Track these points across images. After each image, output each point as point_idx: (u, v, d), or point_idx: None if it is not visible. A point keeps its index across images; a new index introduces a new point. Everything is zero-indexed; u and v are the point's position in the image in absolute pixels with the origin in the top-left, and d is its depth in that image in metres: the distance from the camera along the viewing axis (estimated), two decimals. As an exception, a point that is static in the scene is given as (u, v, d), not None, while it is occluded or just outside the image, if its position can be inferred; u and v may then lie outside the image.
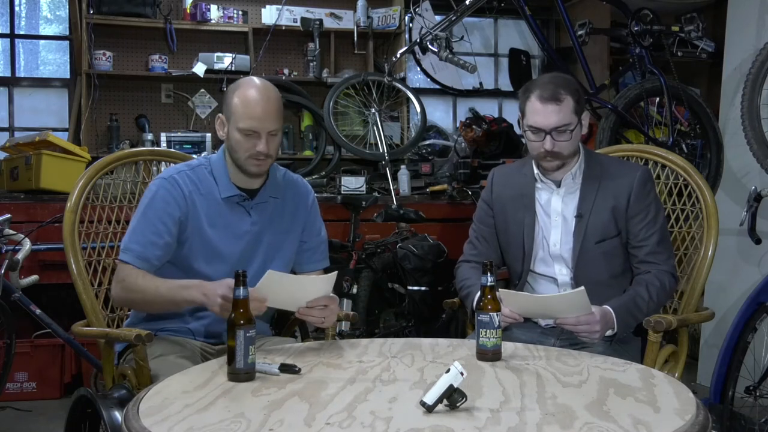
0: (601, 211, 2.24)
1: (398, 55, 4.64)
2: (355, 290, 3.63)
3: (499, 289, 2.05)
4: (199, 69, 4.83)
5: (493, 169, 2.47)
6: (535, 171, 2.31)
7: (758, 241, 2.81)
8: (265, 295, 1.86)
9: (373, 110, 4.65)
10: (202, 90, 4.97)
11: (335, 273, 2.03)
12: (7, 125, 5.00)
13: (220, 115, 2.13)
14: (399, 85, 4.73)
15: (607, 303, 2.13)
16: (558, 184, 2.28)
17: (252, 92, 2.07)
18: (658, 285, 2.19)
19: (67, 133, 4.84)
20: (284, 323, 2.62)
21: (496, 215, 2.38)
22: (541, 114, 2.17)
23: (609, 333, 2.12)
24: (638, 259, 2.25)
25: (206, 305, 1.91)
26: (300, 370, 1.72)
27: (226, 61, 4.88)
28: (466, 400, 1.44)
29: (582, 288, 2.01)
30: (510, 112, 5.71)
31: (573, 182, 2.27)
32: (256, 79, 2.13)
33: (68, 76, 5.10)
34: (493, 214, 2.38)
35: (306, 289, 1.96)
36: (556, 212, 2.28)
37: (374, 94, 4.64)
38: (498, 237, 2.38)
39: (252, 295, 1.83)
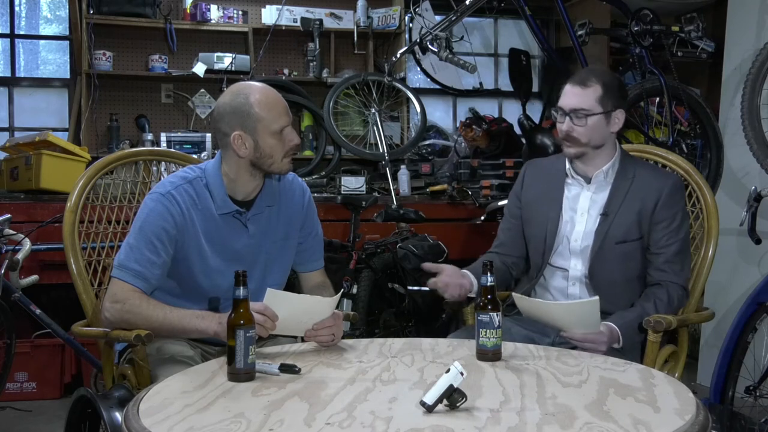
0: (627, 213, 2.24)
1: (398, 55, 4.65)
2: (355, 290, 3.63)
3: (513, 293, 2.06)
4: (199, 69, 4.83)
5: (527, 162, 2.50)
6: (567, 166, 2.33)
7: (758, 241, 2.81)
8: (276, 313, 1.85)
9: (373, 110, 4.65)
10: (202, 90, 4.97)
11: (339, 295, 2.03)
12: (7, 125, 5.01)
13: (237, 134, 2.00)
14: (399, 85, 4.74)
15: (613, 319, 2.13)
16: (588, 181, 2.30)
17: (265, 94, 2.03)
18: (666, 300, 2.18)
19: (67, 133, 4.85)
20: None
21: (524, 207, 2.40)
22: (566, 95, 2.25)
23: (615, 346, 2.12)
24: (654, 266, 2.24)
25: (221, 336, 1.87)
26: (300, 370, 1.72)
27: (226, 61, 4.88)
28: (466, 400, 1.44)
29: (596, 298, 2.01)
30: (510, 112, 5.71)
31: (604, 180, 2.28)
32: (253, 83, 2.09)
33: (68, 76, 5.10)
34: (521, 206, 2.41)
35: (311, 311, 1.95)
36: (582, 208, 2.29)
37: (374, 94, 4.64)
38: (523, 229, 2.40)
39: (265, 311, 1.83)
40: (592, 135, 2.22)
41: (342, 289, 2.06)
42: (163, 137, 4.61)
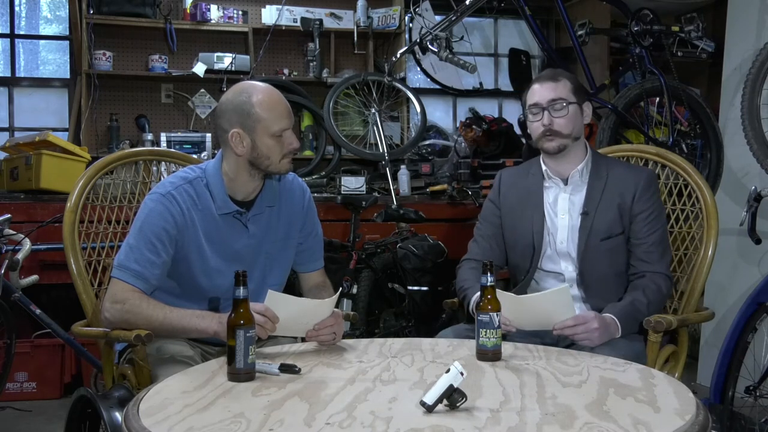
0: (607, 209, 2.26)
1: (398, 55, 4.64)
2: (355, 290, 3.63)
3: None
4: (199, 69, 4.83)
5: (500, 171, 2.51)
6: (543, 168, 2.34)
7: (758, 241, 2.81)
8: (276, 315, 1.86)
9: (373, 110, 4.65)
10: (202, 90, 4.98)
11: (337, 295, 2.04)
12: (7, 125, 5.01)
13: (235, 131, 2.01)
14: (399, 85, 4.73)
15: (607, 310, 2.13)
16: (565, 182, 2.31)
17: (268, 95, 2.04)
18: (654, 288, 2.20)
19: (67, 133, 4.85)
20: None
21: (504, 215, 2.40)
22: (538, 92, 2.30)
23: (616, 334, 2.11)
24: (635, 256, 2.27)
25: (221, 336, 1.87)
26: (300, 370, 1.72)
27: (226, 61, 4.88)
28: (466, 400, 1.44)
29: (566, 285, 2.05)
30: (510, 112, 5.71)
31: (580, 180, 2.31)
32: (258, 83, 2.09)
33: (68, 76, 5.10)
34: (500, 213, 2.41)
35: (311, 313, 1.96)
36: (563, 210, 2.31)
37: (374, 94, 4.64)
38: (504, 236, 2.40)
39: (266, 312, 1.84)
40: (573, 125, 2.27)
41: (341, 289, 2.05)
42: (163, 137, 4.61)
